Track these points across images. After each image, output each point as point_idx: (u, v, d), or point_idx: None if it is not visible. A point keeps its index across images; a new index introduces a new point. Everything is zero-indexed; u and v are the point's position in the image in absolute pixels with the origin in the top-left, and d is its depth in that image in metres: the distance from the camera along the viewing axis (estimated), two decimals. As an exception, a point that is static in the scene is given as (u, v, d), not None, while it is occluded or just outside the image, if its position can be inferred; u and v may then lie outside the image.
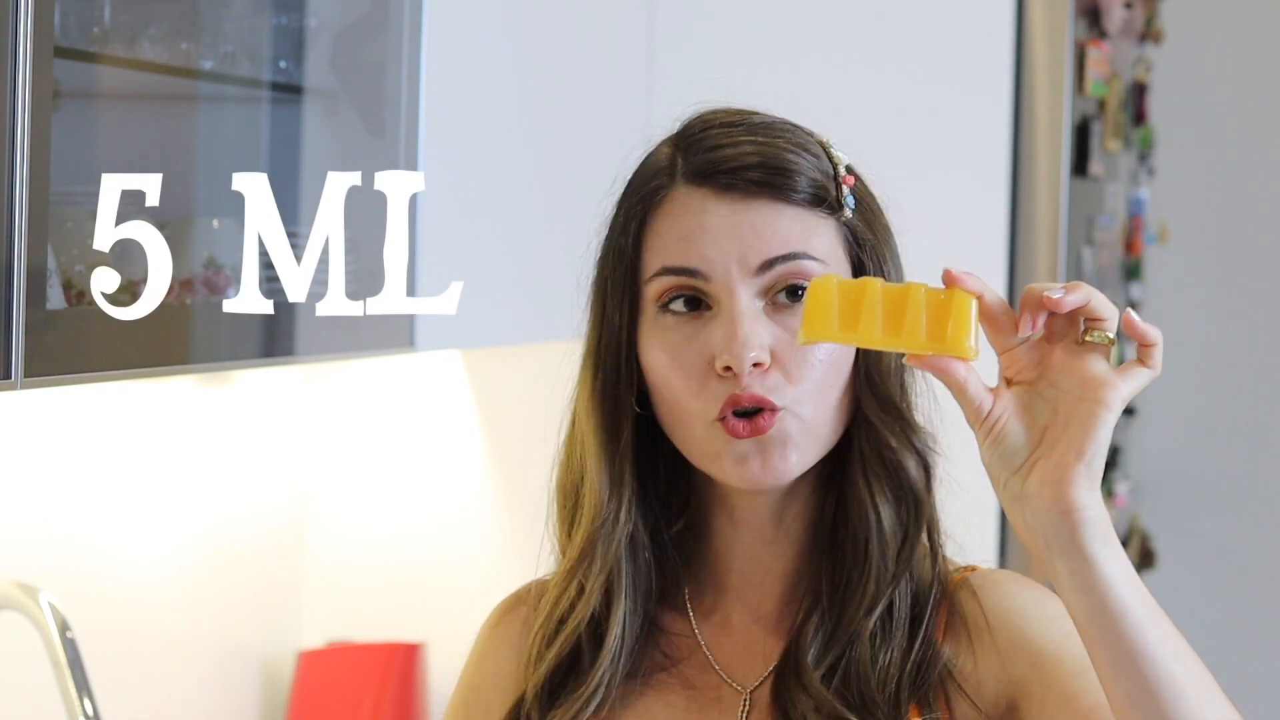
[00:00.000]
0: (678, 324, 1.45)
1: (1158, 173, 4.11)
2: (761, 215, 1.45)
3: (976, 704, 1.46)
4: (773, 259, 1.43)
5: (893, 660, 1.46)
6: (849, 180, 1.49)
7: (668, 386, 1.45)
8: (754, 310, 1.43)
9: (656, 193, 1.48)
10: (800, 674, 1.46)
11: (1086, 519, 1.28)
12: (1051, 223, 3.09)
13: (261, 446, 2.82)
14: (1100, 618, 1.29)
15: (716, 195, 1.45)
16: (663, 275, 1.45)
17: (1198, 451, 4.41)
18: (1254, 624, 4.34)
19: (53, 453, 2.33)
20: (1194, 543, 4.34)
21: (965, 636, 1.48)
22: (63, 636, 2.02)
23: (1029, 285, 1.32)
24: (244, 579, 2.80)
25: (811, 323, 1.30)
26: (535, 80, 2.69)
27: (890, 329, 1.28)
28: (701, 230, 1.44)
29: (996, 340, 1.32)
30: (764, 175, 1.45)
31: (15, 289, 1.62)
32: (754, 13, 3.06)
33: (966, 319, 1.29)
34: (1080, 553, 1.28)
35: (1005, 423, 1.31)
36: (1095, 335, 1.31)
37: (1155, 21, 3.88)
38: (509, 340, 2.72)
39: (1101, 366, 1.31)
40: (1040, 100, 3.06)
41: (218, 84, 2.22)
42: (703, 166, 1.46)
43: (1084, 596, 1.29)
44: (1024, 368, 1.32)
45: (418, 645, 2.89)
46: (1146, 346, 1.32)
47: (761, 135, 1.47)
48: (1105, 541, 1.29)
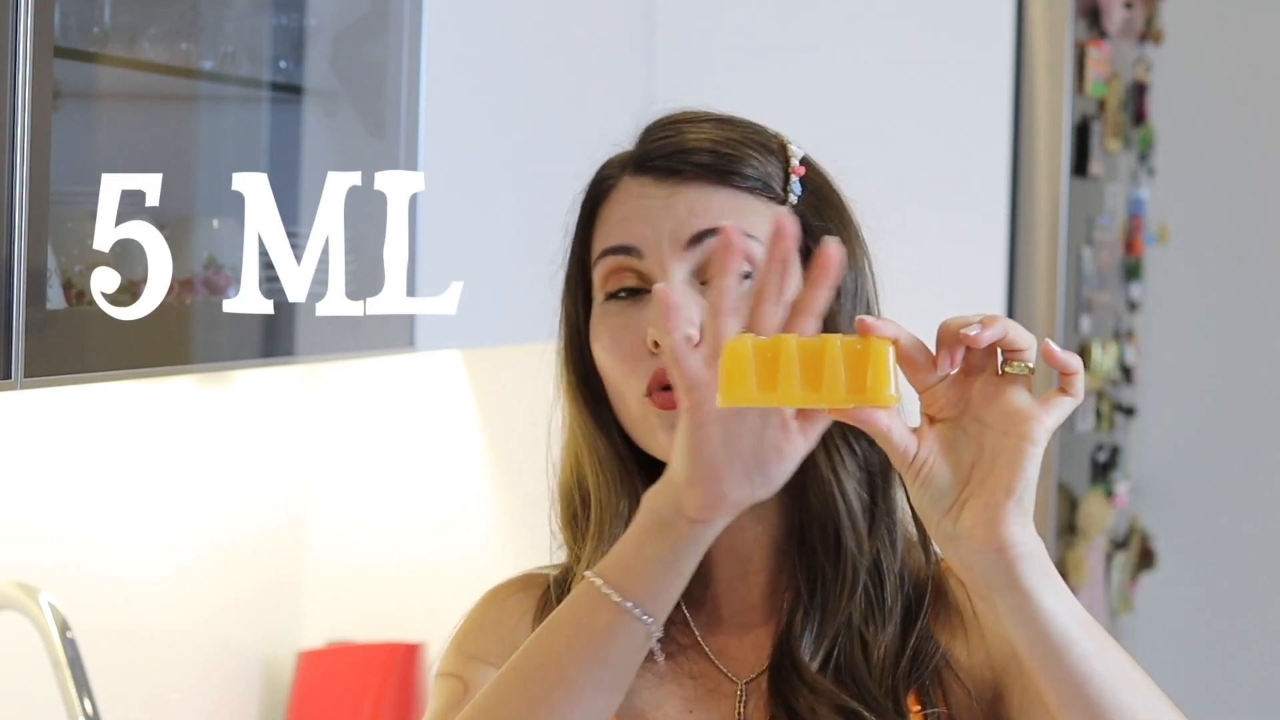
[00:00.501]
0: (619, 308, 1.47)
1: (1158, 173, 4.11)
2: (697, 193, 1.46)
3: (970, 692, 1.47)
4: (702, 232, 1.45)
5: (887, 647, 1.47)
6: (799, 170, 1.49)
7: (608, 368, 1.47)
8: (687, 288, 1.44)
9: (604, 182, 1.51)
10: (796, 665, 1.46)
11: (1021, 554, 1.28)
12: (1051, 223, 3.09)
13: (261, 446, 2.82)
14: (1042, 649, 1.30)
15: (656, 181, 1.48)
16: (604, 257, 1.48)
17: (1198, 451, 4.41)
18: (1254, 624, 4.34)
19: (53, 453, 2.33)
20: (1194, 543, 4.34)
21: (957, 624, 1.50)
22: (63, 636, 2.02)
23: (944, 321, 1.30)
24: (244, 579, 2.80)
25: (730, 386, 1.26)
26: (535, 80, 2.69)
27: (809, 385, 1.26)
28: (638, 210, 1.47)
29: (915, 379, 1.31)
30: (706, 159, 1.47)
31: (15, 289, 1.62)
32: (754, 13, 3.06)
33: (884, 367, 1.27)
34: (1018, 588, 1.28)
35: (932, 464, 1.30)
36: (1015, 366, 1.30)
37: (1155, 21, 3.88)
38: (509, 340, 2.72)
39: (1024, 399, 1.29)
40: (1040, 100, 3.06)
41: (218, 84, 2.22)
42: (645, 155, 1.49)
43: (1026, 630, 1.29)
44: (945, 405, 1.31)
45: (418, 645, 2.89)
46: (1067, 375, 1.30)
47: (712, 126, 1.49)
48: (1043, 574, 1.29)
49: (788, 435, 1.29)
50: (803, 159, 1.50)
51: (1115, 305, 3.72)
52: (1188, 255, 4.37)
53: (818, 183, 1.51)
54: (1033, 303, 3.10)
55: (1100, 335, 3.54)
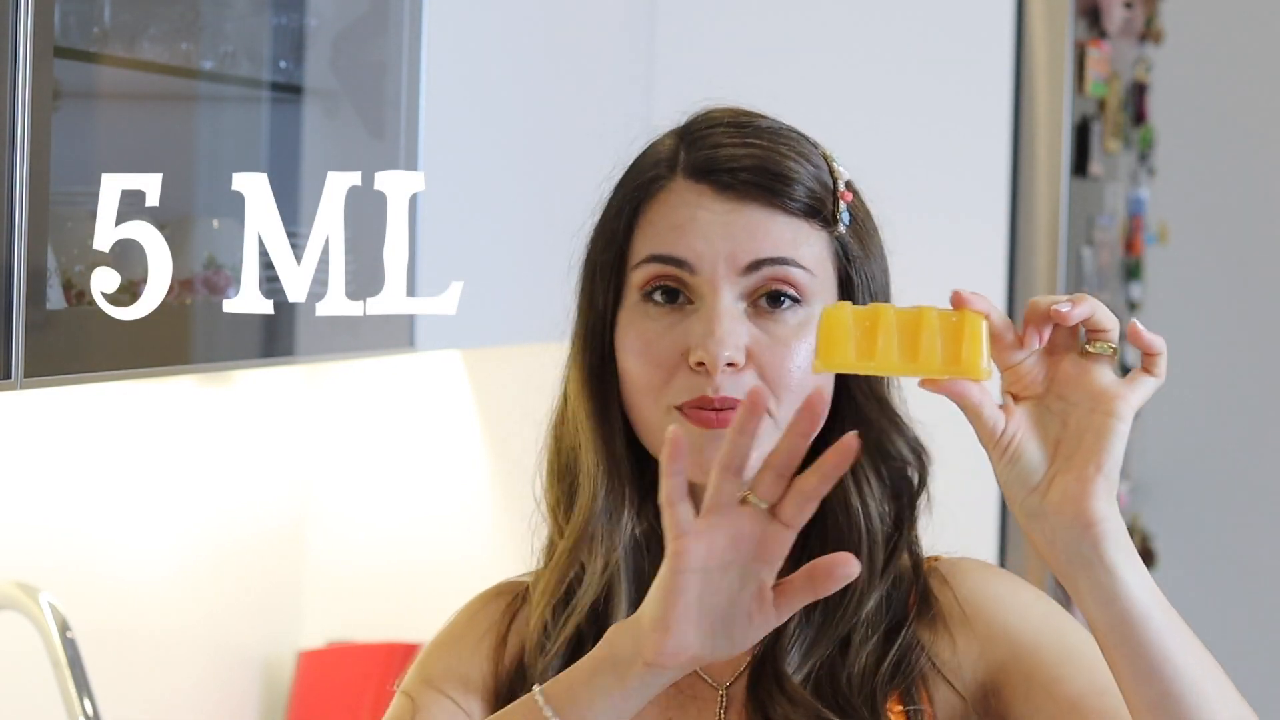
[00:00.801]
0: (657, 313, 1.46)
1: (1158, 173, 4.11)
2: (755, 217, 1.45)
3: (957, 689, 1.48)
4: (760, 260, 1.44)
5: (869, 655, 1.47)
6: (846, 196, 1.49)
7: (636, 372, 1.46)
8: (735, 310, 1.44)
9: (654, 182, 1.49)
10: (778, 676, 1.46)
11: (1107, 530, 1.29)
12: (1051, 223, 3.09)
13: (261, 446, 2.82)
14: (1123, 627, 1.30)
15: (714, 193, 1.46)
16: (650, 263, 1.46)
17: (1198, 451, 4.41)
18: (1254, 624, 4.34)
19: (53, 453, 2.33)
20: (1194, 543, 4.34)
21: (941, 624, 1.50)
22: (63, 636, 2.02)
23: (1033, 299, 1.32)
24: (244, 579, 2.80)
25: (828, 350, 1.29)
26: (535, 80, 2.69)
27: (906, 354, 1.28)
28: (694, 223, 1.45)
29: (1000, 356, 1.32)
30: (763, 179, 1.46)
31: (15, 289, 1.62)
32: (754, 12, 3.06)
33: (979, 340, 1.29)
34: (1103, 565, 1.29)
35: (1020, 441, 1.31)
36: (1099, 346, 1.31)
37: (1155, 21, 3.89)
38: (509, 340, 2.72)
39: (1109, 377, 1.31)
40: (1040, 100, 3.06)
41: (218, 84, 2.22)
42: (703, 163, 1.47)
43: (1107, 608, 1.30)
44: (1030, 383, 1.32)
45: (418, 645, 2.89)
46: (1151, 356, 1.32)
47: (765, 140, 1.48)
48: (1127, 551, 1.30)
49: (761, 606, 1.30)
50: (847, 182, 1.50)
51: (1115, 305, 3.72)
52: (1188, 255, 4.37)
53: (859, 208, 1.51)
54: (1033, 303, 3.09)
55: (1100, 335, 3.54)
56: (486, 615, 1.57)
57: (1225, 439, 4.41)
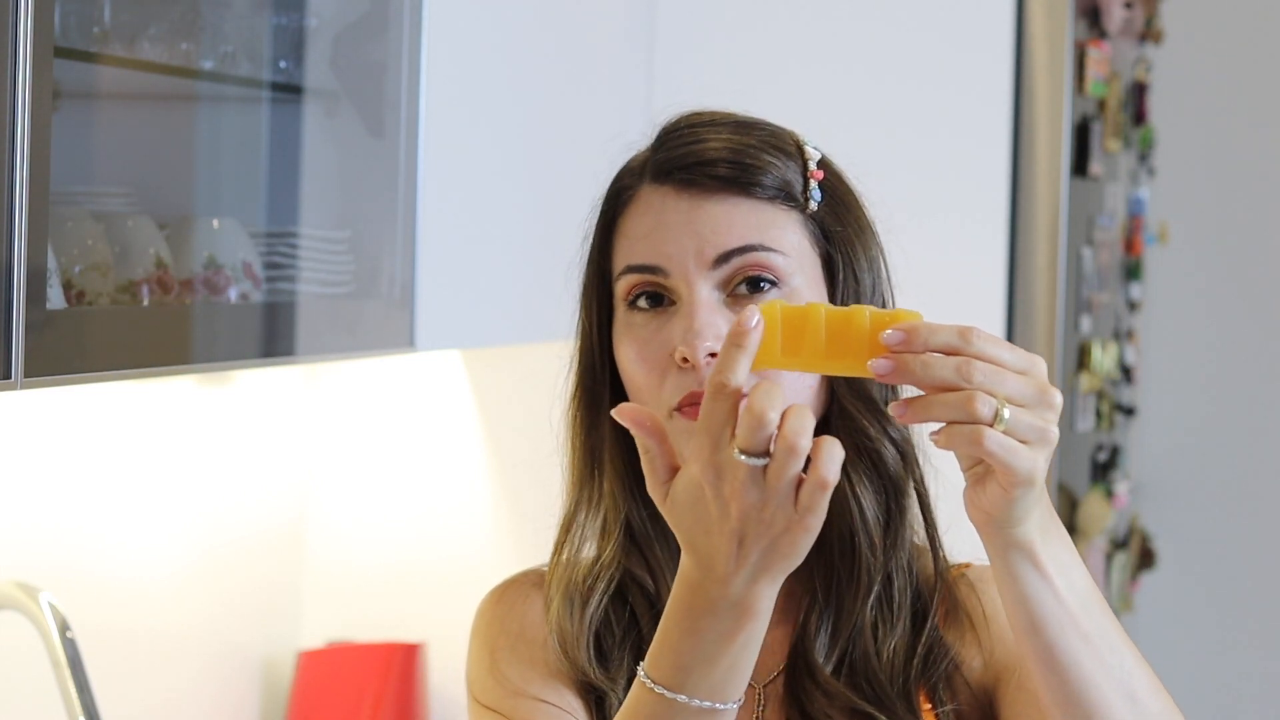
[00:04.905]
0: (644, 320, 1.47)
1: (1158, 173, 4.11)
2: (719, 209, 1.46)
3: (975, 693, 1.50)
4: (728, 251, 1.45)
5: (898, 651, 1.49)
6: (817, 175, 1.49)
7: (636, 379, 1.47)
8: (712, 302, 1.45)
9: (624, 192, 1.51)
10: (811, 669, 1.48)
11: (1025, 533, 1.30)
12: (1051, 223, 3.09)
13: (261, 446, 2.82)
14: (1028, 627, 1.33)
15: (677, 192, 1.47)
16: (627, 274, 1.48)
17: (1198, 451, 4.40)
18: (1254, 624, 4.34)
19: (53, 453, 2.33)
20: (1194, 543, 4.34)
21: (968, 628, 1.52)
22: (63, 636, 2.02)
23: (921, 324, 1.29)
24: (244, 579, 2.80)
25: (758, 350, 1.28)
26: (535, 81, 2.69)
27: (834, 352, 1.28)
28: (661, 227, 1.47)
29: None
30: (726, 170, 1.47)
31: (15, 289, 1.62)
32: (754, 15, 3.06)
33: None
34: (1022, 554, 1.32)
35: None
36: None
37: (1155, 21, 3.88)
38: (509, 340, 2.72)
39: (987, 502, 1.30)
40: (1040, 100, 3.06)
41: (218, 84, 2.22)
42: (664, 164, 1.48)
43: (1015, 609, 1.32)
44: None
45: (418, 645, 2.89)
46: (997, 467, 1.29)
47: (726, 132, 1.49)
48: (1036, 557, 1.31)
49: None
50: (820, 161, 1.50)
51: (1115, 305, 3.72)
52: (1188, 255, 4.37)
53: (835, 184, 1.51)
54: (1033, 303, 3.10)
55: (1100, 335, 3.54)
56: (534, 610, 1.56)
57: (1225, 439, 4.41)
